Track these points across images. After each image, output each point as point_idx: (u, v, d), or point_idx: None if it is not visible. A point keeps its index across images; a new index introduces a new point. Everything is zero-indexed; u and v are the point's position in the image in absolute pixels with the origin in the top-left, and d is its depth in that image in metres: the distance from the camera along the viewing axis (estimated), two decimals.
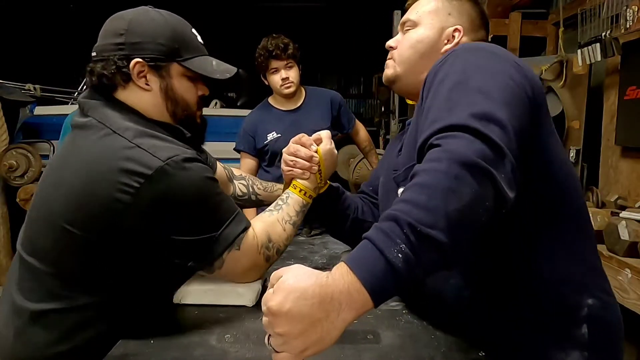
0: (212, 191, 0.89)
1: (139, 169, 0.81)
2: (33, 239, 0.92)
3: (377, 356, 0.75)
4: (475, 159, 0.58)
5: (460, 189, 0.57)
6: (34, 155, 3.43)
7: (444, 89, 0.70)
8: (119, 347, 0.79)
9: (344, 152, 4.42)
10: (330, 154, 1.08)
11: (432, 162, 0.60)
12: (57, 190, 0.88)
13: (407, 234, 0.55)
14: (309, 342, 0.56)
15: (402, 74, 1.00)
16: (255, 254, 0.95)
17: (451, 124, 0.63)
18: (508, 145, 0.62)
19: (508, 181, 0.61)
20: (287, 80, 2.09)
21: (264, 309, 0.57)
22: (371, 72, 6.42)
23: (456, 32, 0.97)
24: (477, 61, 0.73)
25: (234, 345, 0.79)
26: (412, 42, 0.99)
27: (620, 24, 2.10)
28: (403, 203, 0.58)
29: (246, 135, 2.22)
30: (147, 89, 0.93)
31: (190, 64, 0.94)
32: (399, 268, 0.55)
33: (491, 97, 0.66)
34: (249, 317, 0.92)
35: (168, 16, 0.97)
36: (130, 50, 0.91)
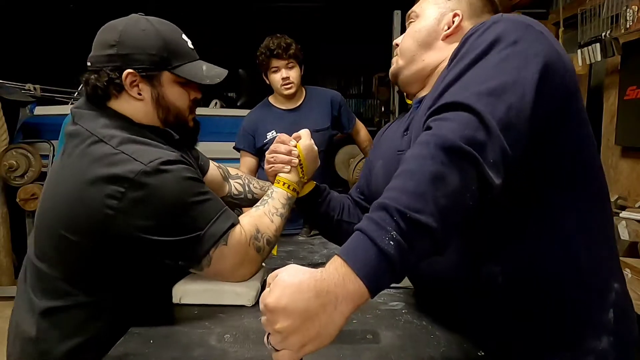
0: (195, 191, 0.91)
1: (122, 174, 0.85)
2: (39, 246, 0.97)
3: (377, 356, 0.75)
4: (461, 143, 0.58)
5: (445, 174, 0.57)
6: (34, 155, 3.43)
7: (464, 63, 0.68)
8: (118, 347, 0.79)
9: (344, 152, 4.42)
10: (310, 148, 1.12)
11: (421, 147, 0.60)
12: (53, 199, 0.93)
13: (397, 221, 0.56)
14: (307, 338, 0.55)
15: (403, 66, 1.00)
16: (244, 246, 0.95)
17: (453, 101, 0.62)
18: (509, 126, 0.61)
19: (495, 166, 0.59)
20: (288, 80, 2.09)
21: (262, 307, 0.57)
22: (371, 72, 6.41)
23: (455, 17, 0.95)
24: (507, 32, 0.68)
25: (234, 345, 0.79)
26: (411, 33, 0.99)
27: (620, 24, 2.10)
28: (392, 191, 0.59)
29: (246, 134, 2.22)
30: (139, 99, 0.96)
31: (181, 71, 0.98)
32: (392, 255, 0.55)
33: (508, 74, 0.63)
34: (249, 316, 0.92)
35: (158, 25, 1.00)
36: (121, 61, 0.94)
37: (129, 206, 0.85)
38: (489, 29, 0.70)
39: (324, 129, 2.21)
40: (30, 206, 3.43)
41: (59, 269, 0.93)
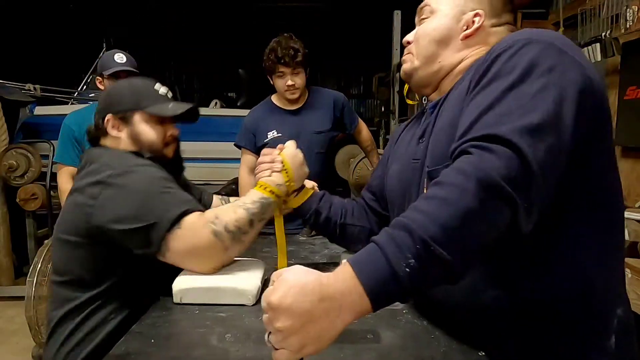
0: (158, 184, 1.04)
1: (99, 179, 1.03)
2: (53, 260, 1.14)
3: (377, 356, 0.75)
4: (502, 182, 0.56)
5: (481, 212, 0.56)
6: (34, 155, 3.43)
7: (498, 87, 0.65)
8: (119, 347, 0.79)
9: (344, 152, 4.42)
10: (293, 155, 1.12)
11: (460, 176, 0.58)
12: (60, 215, 1.14)
13: (419, 250, 0.55)
14: (307, 339, 0.56)
15: (419, 66, 0.94)
16: (199, 228, 0.99)
17: (495, 134, 0.60)
18: (552, 168, 0.59)
19: (530, 212, 0.58)
20: (293, 87, 2.09)
21: (264, 305, 0.57)
22: (371, 72, 6.41)
23: (476, 17, 0.89)
24: (540, 59, 0.65)
25: (235, 345, 0.79)
26: (428, 31, 0.92)
27: (620, 24, 2.10)
28: (421, 214, 0.57)
29: (247, 132, 2.21)
30: (118, 136, 1.19)
31: (149, 110, 1.19)
32: (405, 282, 0.55)
33: (547, 108, 0.61)
34: (250, 316, 0.92)
35: (134, 80, 1.28)
36: (105, 111, 1.20)
37: (102, 203, 1.01)
38: (521, 51, 0.67)
39: (325, 130, 2.20)
40: (30, 206, 3.43)
41: (64, 274, 1.08)
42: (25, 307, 2.49)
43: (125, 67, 2.16)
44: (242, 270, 1.05)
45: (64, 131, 2.21)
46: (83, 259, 1.06)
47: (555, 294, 0.72)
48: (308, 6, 6.03)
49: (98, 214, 1.00)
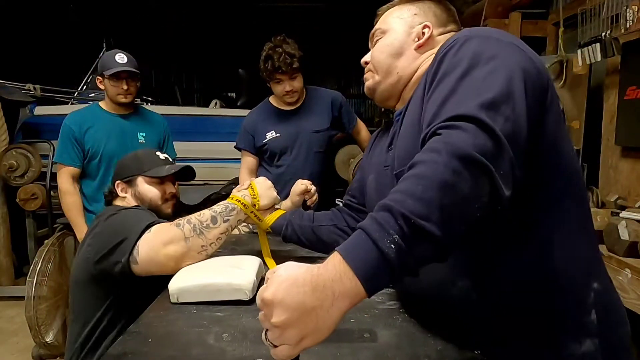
0: (135, 215, 1.23)
1: (96, 223, 1.26)
2: None
3: (374, 355, 0.75)
4: (475, 153, 0.58)
5: (456, 183, 0.57)
6: (34, 155, 3.43)
7: (451, 79, 0.70)
8: (117, 346, 0.79)
9: (344, 152, 4.42)
10: (262, 180, 1.32)
11: (432, 153, 0.60)
12: None
13: (401, 225, 0.56)
14: (305, 331, 0.56)
15: (380, 80, 1.00)
16: (166, 227, 1.15)
17: (457, 114, 0.63)
18: (513, 138, 0.62)
19: (505, 178, 0.60)
20: (291, 92, 2.10)
21: (259, 302, 0.58)
22: None
23: (425, 29, 0.97)
24: (483, 49, 0.72)
25: (232, 344, 0.80)
26: (382, 47, 1.00)
27: (620, 24, 2.10)
28: (398, 193, 0.59)
29: (246, 134, 2.22)
30: (125, 196, 1.44)
31: (148, 173, 1.43)
32: (392, 258, 0.55)
33: (499, 86, 0.65)
34: (247, 315, 0.92)
35: (140, 151, 1.62)
36: (115, 178, 1.47)
37: (94, 241, 1.21)
38: (464, 46, 0.73)
39: (323, 130, 2.21)
40: (30, 206, 3.43)
41: (72, 312, 1.31)
42: (25, 307, 2.49)
43: (127, 67, 2.17)
44: (237, 267, 1.06)
45: (64, 131, 2.21)
46: (85, 297, 1.25)
47: (523, 280, 0.74)
48: (308, 6, 6.03)
49: (92, 251, 1.19)
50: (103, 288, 1.22)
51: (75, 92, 4.67)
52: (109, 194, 1.47)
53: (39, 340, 2.55)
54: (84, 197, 2.27)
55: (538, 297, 0.74)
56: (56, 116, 3.53)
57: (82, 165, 2.22)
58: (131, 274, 1.13)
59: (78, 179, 2.25)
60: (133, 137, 2.28)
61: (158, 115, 2.49)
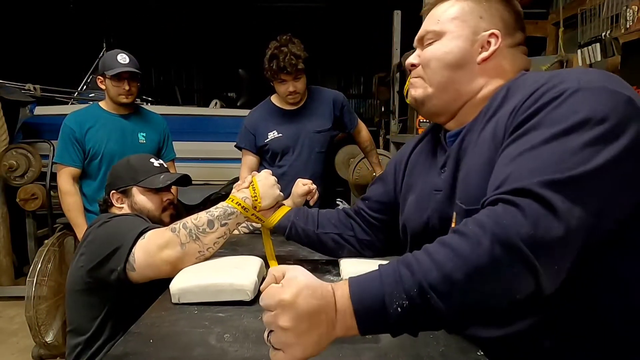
0: (127, 222, 1.20)
1: (90, 230, 1.24)
2: None
3: (376, 355, 0.75)
4: (523, 246, 0.51)
5: (491, 273, 0.52)
6: (34, 155, 3.42)
7: (537, 137, 0.59)
8: (118, 347, 0.79)
9: (344, 152, 4.42)
10: (265, 177, 1.21)
11: (478, 229, 0.54)
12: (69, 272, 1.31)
13: (415, 295, 0.54)
14: (307, 342, 0.56)
15: (433, 94, 0.85)
16: (161, 231, 1.14)
17: (525, 187, 0.54)
18: (584, 229, 0.53)
19: (556, 275, 0.53)
20: (294, 93, 2.09)
21: (270, 302, 0.57)
22: (371, 72, 6.42)
23: (492, 38, 0.81)
24: (591, 107, 0.58)
25: (233, 345, 0.79)
26: (439, 55, 0.84)
27: (620, 24, 2.10)
28: (429, 259, 0.55)
29: (247, 133, 2.21)
30: (121, 207, 1.41)
31: (144, 184, 1.40)
32: (393, 319, 0.55)
33: (594, 162, 0.55)
34: (248, 316, 0.92)
35: (132, 158, 1.51)
36: (109, 188, 1.44)
37: (87, 249, 1.19)
38: (569, 101, 0.61)
39: (324, 130, 2.20)
40: (30, 206, 3.42)
41: (71, 323, 1.27)
42: (25, 307, 2.49)
43: (129, 67, 2.17)
44: (238, 267, 1.05)
45: (64, 131, 2.21)
46: (79, 307, 1.23)
47: (597, 322, 0.66)
48: (308, 6, 6.04)
49: (86, 260, 1.18)
50: (98, 297, 1.21)
51: (75, 92, 4.67)
52: (103, 203, 1.45)
53: (39, 340, 2.55)
54: (84, 197, 2.27)
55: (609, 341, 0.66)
56: (56, 116, 3.53)
57: (82, 165, 2.22)
58: (128, 282, 1.12)
59: (78, 179, 2.25)
60: (134, 137, 2.28)
61: (158, 116, 2.49)
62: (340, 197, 4.72)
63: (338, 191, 4.59)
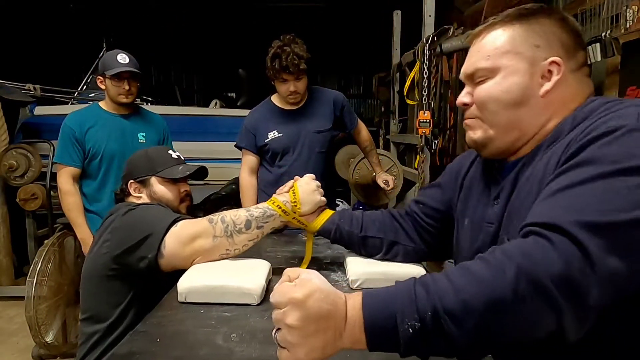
0: (155, 210, 1.21)
1: (113, 218, 1.23)
2: (80, 300, 1.32)
3: (385, 356, 0.75)
4: (550, 284, 0.49)
5: (512, 307, 0.50)
6: (34, 155, 3.42)
7: (583, 175, 0.57)
8: (124, 346, 0.79)
9: (344, 152, 4.42)
10: (306, 182, 1.20)
11: (504, 257, 0.52)
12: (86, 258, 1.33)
13: (427, 318, 0.52)
14: (312, 345, 0.56)
15: (495, 136, 0.79)
16: (197, 221, 1.14)
17: (560, 224, 0.52)
18: (619, 277, 0.51)
19: (580, 321, 0.51)
20: (295, 93, 2.09)
21: (281, 299, 0.56)
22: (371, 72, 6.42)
23: (553, 66, 0.73)
24: (637, 153, 0.55)
25: (240, 345, 0.79)
26: (497, 94, 0.76)
27: (620, 24, 2.10)
28: (448, 282, 0.54)
29: (247, 133, 2.21)
30: (139, 197, 1.41)
31: (162, 174, 1.41)
32: (403, 339, 0.54)
33: (635, 208, 0.52)
34: (255, 316, 0.92)
35: (150, 149, 1.53)
36: (128, 177, 1.43)
37: (112, 236, 1.18)
38: (622, 139, 0.58)
39: (325, 130, 2.20)
40: (30, 206, 3.42)
41: (86, 310, 1.26)
42: (25, 307, 2.48)
43: (129, 67, 2.16)
44: (247, 270, 1.05)
45: (64, 131, 2.20)
46: (101, 294, 1.22)
47: None
48: (308, 6, 6.03)
49: (112, 246, 1.16)
50: (123, 284, 1.20)
51: (75, 92, 4.67)
52: (120, 193, 1.45)
53: (39, 340, 2.54)
54: (84, 197, 2.26)
55: None
56: (56, 116, 3.53)
57: (82, 165, 2.22)
58: (157, 270, 1.11)
59: (78, 179, 2.25)
60: (134, 137, 2.28)
61: (157, 116, 2.49)
62: (340, 197, 4.72)
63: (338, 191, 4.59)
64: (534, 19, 0.76)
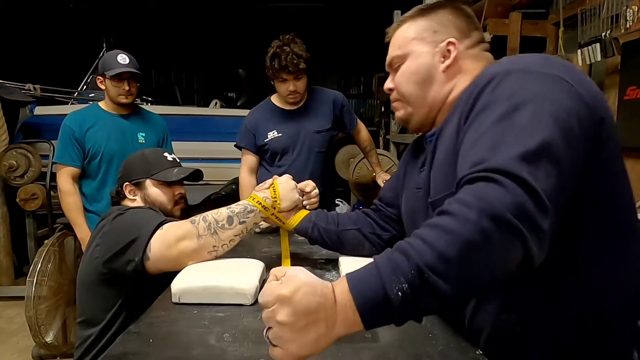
0: (143, 214, 1.21)
1: (104, 223, 1.23)
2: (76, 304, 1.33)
3: (376, 355, 0.75)
4: (509, 215, 0.54)
5: (484, 245, 0.54)
6: (34, 155, 3.43)
7: (488, 120, 0.65)
8: (117, 346, 0.79)
9: (344, 152, 4.42)
10: (285, 180, 1.25)
11: (463, 207, 0.56)
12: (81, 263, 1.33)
13: (414, 276, 0.54)
14: (305, 340, 0.56)
15: (413, 111, 0.94)
16: (180, 223, 1.15)
17: (496, 167, 0.58)
18: (556, 195, 0.58)
19: (542, 242, 0.56)
20: (295, 92, 2.09)
21: (269, 298, 0.57)
22: (371, 72, 6.42)
23: (450, 46, 0.89)
24: (523, 86, 0.66)
25: (233, 344, 0.79)
26: (408, 75, 0.92)
27: (620, 24, 2.10)
28: (421, 241, 0.57)
29: (247, 133, 2.21)
30: (134, 199, 1.42)
31: (157, 176, 1.42)
32: (395, 305, 0.55)
33: (541, 136, 0.60)
34: (248, 316, 0.92)
35: (146, 151, 1.54)
36: (122, 180, 1.44)
37: (102, 240, 1.19)
38: (502, 83, 0.68)
39: (324, 130, 2.20)
40: (30, 206, 3.42)
41: (82, 314, 1.28)
42: (25, 307, 2.49)
43: (129, 68, 2.17)
44: (240, 270, 1.06)
45: (64, 131, 2.21)
46: (93, 298, 1.23)
47: (565, 317, 0.69)
48: (308, 6, 6.02)
49: (102, 251, 1.18)
50: (113, 288, 1.21)
51: (75, 92, 4.67)
52: (115, 195, 1.46)
53: (39, 340, 2.55)
54: (84, 197, 2.27)
55: (574, 328, 0.70)
56: (56, 116, 3.53)
57: (82, 165, 2.22)
58: (144, 273, 1.12)
59: (78, 178, 2.25)
60: (133, 137, 2.28)
61: (157, 116, 2.49)
62: (340, 197, 4.72)
63: (338, 191, 4.59)
64: (433, 12, 0.92)
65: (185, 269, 1.08)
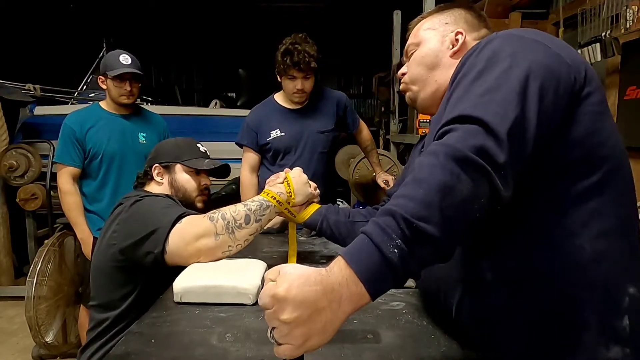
0: (161, 203, 1.22)
1: (121, 209, 1.25)
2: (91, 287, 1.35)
3: (377, 356, 0.75)
4: (471, 154, 0.58)
5: (455, 185, 0.57)
6: (34, 155, 3.42)
7: (466, 81, 0.69)
8: (120, 346, 0.79)
9: (344, 152, 4.42)
10: (298, 174, 1.24)
11: (431, 156, 0.60)
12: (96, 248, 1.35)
13: (403, 229, 0.56)
14: (312, 331, 0.56)
15: (418, 90, 1.03)
16: (198, 218, 1.13)
17: (460, 115, 0.63)
18: (517, 138, 0.61)
19: (505, 179, 0.60)
20: (302, 91, 2.09)
21: (267, 300, 0.57)
22: (371, 72, 6.41)
23: (459, 35, 0.99)
24: (502, 48, 0.70)
25: (235, 345, 0.80)
26: (418, 59, 1.02)
27: (620, 24, 2.10)
28: (401, 198, 0.59)
29: (249, 131, 2.19)
30: (160, 182, 1.43)
31: (187, 163, 1.43)
32: (395, 262, 0.56)
33: (509, 86, 0.64)
34: (250, 316, 0.92)
35: (180, 139, 1.55)
36: (152, 162, 1.45)
37: (120, 227, 1.20)
38: (485, 48, 0.72)
39: (328, 130, 2.20)
40: (30, 206, 3.42)
41: (95, 298, 1.29)
42: (25, 307, 2.49)
43: (131, 69, 2.17)
44: (242, 270, 1.06)
45: (64, 131, 2.21)
46: (109, 284, 1.24)
47: (535, 264, 0.69)
48: (308, 6, 6.03)
49: (119, 238, 1.18)
50: (130, 276, 1.21)
51: (76, 92, 4.67)
52: (143, 176, 1.47)
53: (39, 340, 2.55)
54: (84, 197, 2.27)
55: (559, 285, 0.68)
56: (56, 116, 3.53)
57: (82, 165, 2.22)
58: (164, 264, 1.12)
59: (78, 178, 2.25)
60: (134, 137, 2.28)
61: (158, 116, 2.49)
62: (341, 197, 4.72)
63: (338, 191, 4.59)
64: (448, 9, 1.04)
65: (187, 268, 1.08)
